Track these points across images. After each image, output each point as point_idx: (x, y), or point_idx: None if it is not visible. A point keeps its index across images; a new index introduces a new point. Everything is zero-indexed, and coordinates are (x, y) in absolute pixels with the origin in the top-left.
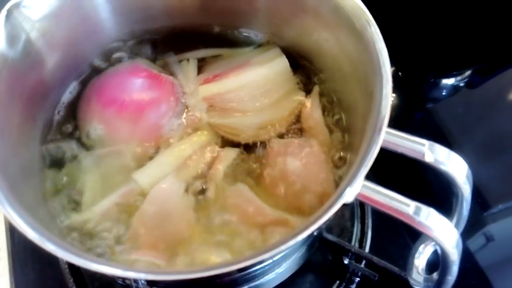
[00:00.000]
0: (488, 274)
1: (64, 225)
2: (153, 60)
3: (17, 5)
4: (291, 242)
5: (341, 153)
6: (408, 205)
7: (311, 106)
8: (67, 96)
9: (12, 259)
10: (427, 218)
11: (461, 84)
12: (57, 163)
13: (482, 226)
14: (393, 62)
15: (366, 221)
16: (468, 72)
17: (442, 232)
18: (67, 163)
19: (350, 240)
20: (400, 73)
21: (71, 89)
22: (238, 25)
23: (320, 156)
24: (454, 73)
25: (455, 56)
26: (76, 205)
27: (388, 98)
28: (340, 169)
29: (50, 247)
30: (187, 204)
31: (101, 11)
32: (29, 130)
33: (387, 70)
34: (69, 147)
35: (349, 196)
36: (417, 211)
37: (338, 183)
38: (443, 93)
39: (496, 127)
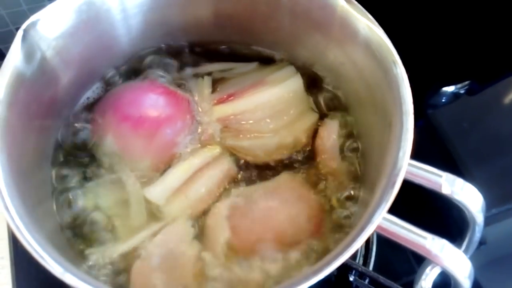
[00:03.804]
0: (479, 276)
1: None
2: (169, 75)
3: (33, 24)
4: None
5: (352, 185)
6: (425, 238)
7: (327, 134)
8: (80, 111)
9: (15, 268)
10: (441, 250)
11: (461, 91)
12: (70, 185)
13: None
14: None
15: (371, 237)
16: (468, 80)
17: (455, 264)
18: (82, 186)
19: (354, 256)
20: None
21: (85, 104)
22: (252, 42)
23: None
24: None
25: (460, 65)
26: (97, 235)
27: (409, 133)
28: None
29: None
30: (193, 251)
31: (117, 27)
32: (43, 149)
33: (408, 106)
34: (82, 166)
35: (369, 231)
36: (433, 244)
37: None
38: (443, 100)
39: (491, 132)
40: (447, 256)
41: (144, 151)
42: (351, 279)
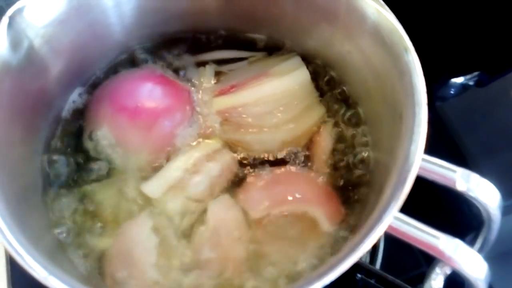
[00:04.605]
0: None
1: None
2: (168, 65)
3: (19, 11)
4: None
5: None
6: (437, 238)
7: (322, 140)
8: (72, 104)
9: (11, 267)
10: (455, 251)
11: (470, 83)
12: (61, 181)
13: None
14: None
15: None
16: (477, 71)
17: (471, 266)
18: (74, 182)
19: None
20: None
21: (76, 97)
22: (254, 30)
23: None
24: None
25: (469, 55)
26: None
27: (422, 125)
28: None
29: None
30: (150, 244)
31: (110, 15)
32: (31, 144)
33: (421, 96)
34: (75, 162)
35: (380, 232)
36: (447, 244)
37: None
38: (452, 92)
39: (501, 124)
40: (462, 258)
41: (141, 143)
42: (357, 277)
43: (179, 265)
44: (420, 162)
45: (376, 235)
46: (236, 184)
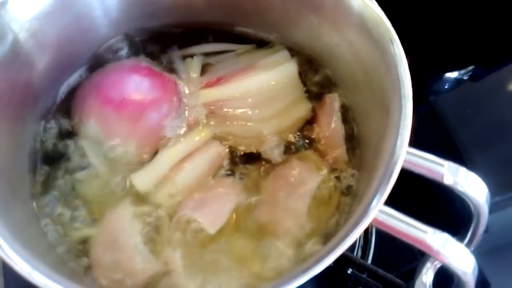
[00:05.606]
0: (481, 264)
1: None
2: (154, 57)
3: (3, 4)
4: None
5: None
6: (425, 232)
7: (329, 115)
8: (59, 97)
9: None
10: (443, 245)
11: (465, 78)
12: (49, 174)
13: None
14: None
15: (370, 227)
16: (471, 65)
17: (458, 260)
18: (62, 174)
19: (353, 248)
20: None
21: (64, 90)
22: (243, 24)
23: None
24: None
25: (463, 50)
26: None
27: (408, 119)
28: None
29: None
30: (134, 230)
31: (95, 8)
32: (18, 136)
33: (407, 90)
34: (62, 154)
35: (364, 225)
36: (434, 238)
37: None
38: (446, 86)
39: (495, 118)
40: (450, 252)
41: (128, 135)
42: (349, 272)
43: (168, 248)
44: (406, 156)
45: (360, 229)
46: (224, 175)
